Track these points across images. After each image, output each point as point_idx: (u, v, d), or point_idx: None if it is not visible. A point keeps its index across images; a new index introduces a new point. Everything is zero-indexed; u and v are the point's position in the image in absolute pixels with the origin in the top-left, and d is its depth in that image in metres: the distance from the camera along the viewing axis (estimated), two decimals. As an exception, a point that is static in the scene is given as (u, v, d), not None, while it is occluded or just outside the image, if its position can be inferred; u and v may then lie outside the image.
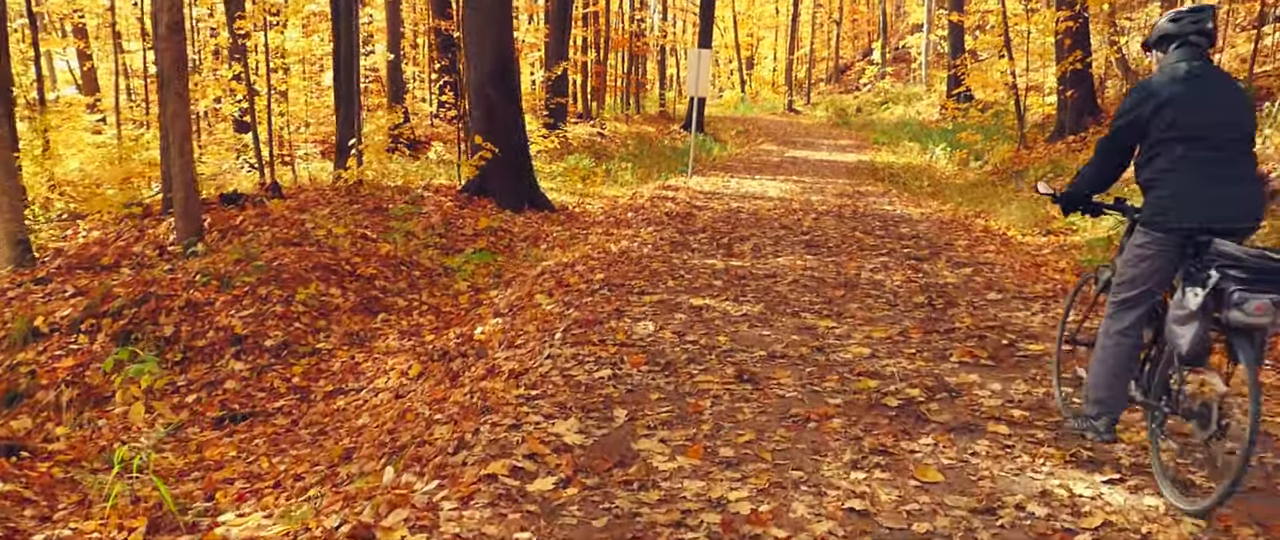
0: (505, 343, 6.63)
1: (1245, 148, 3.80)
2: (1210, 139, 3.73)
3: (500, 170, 12.34)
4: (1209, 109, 3.75)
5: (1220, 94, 3.81)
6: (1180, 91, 3.77)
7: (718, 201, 13.47)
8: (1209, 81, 3.80)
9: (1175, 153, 3.76)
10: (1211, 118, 3.74)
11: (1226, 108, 3.78)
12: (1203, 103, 3.76)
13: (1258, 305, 3.38)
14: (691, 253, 9.32)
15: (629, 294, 7.43)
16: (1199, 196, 3.71)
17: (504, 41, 12.34)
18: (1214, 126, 3.74)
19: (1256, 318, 3.39)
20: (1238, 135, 3.77)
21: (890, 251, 9.45)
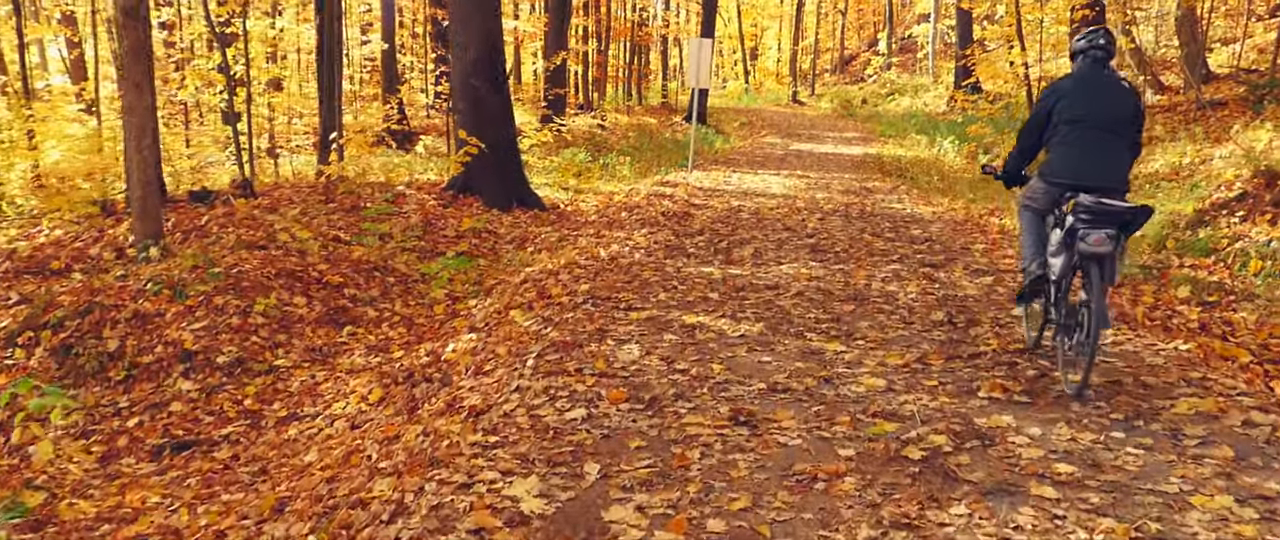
0: (473, 368, 5.84)
1: (1120, 130, 5.03)
2: (1088, 123, 5.00)
3: (487, 167, 11.53)
4: (1091, 103, 5.05)
5: (1104, 92, 5.08)
6: (1073, 89, 5.13)
7: (718, 199, 12.65)
8: (1098, 83, 5.12)
9: (1062, 132, 5.09)
10: (1092, 109, 5.03)
11: (1106, 103, 5.04)
12: (1088, 98, 5.07)
13: (1096, 238, 4.62)
14: (687, 259, 8.51)
15: (615, 309, 6.63)
16: (1072, 163, 5.03)
17: (491, 29, 11.52)
18: (1093, 115, 5.01)
19: (1095, 247, 4.63)
20: (1114, 121, 5.01)
21: (902, 257, 8.64)
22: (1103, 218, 4.62)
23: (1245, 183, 9.62)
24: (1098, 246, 4.61)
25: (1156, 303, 7.81)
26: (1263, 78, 15.82)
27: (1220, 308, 7.75)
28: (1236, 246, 8.79)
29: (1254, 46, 19.79)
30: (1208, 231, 9.28)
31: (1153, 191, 12.51)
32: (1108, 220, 4.62)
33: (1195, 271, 8.73)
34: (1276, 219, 8.82)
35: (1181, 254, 9.19)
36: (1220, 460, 3.99)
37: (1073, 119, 5.05)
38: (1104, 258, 4.65)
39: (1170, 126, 15.21)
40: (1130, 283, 8.59)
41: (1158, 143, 14.44)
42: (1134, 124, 5.07)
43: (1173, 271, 8.80)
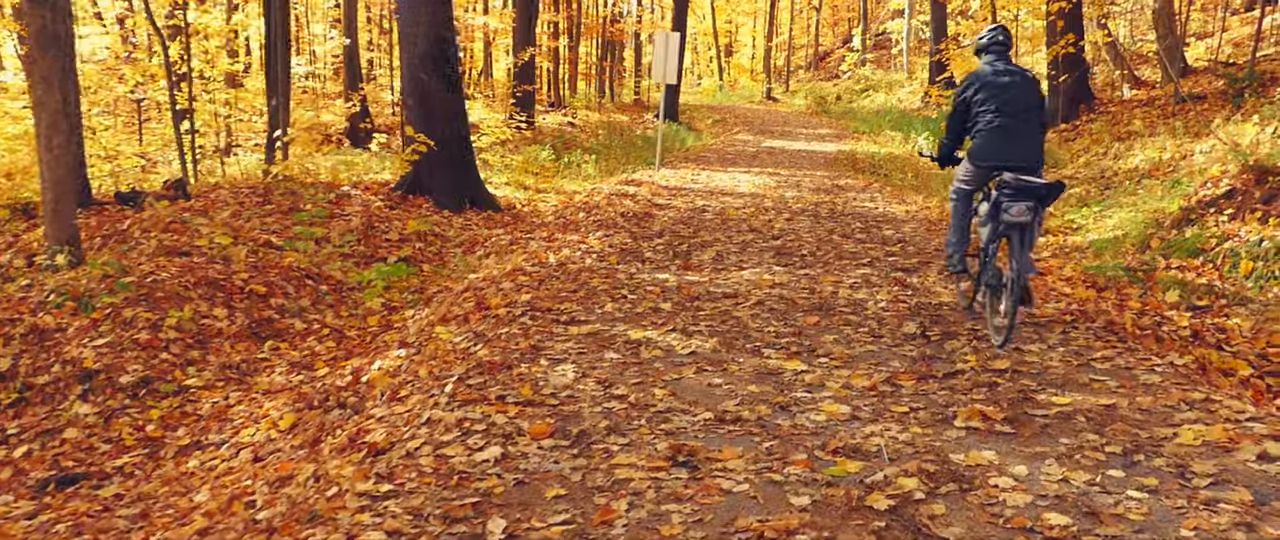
0: (389, 392, 5.15)
1: (1031, 116, 5.58)
2: (1005, 111, 5.54)
3: (438, 165, 10.83)
4: (1004, 93, 5.58)
5: (1013, 83, 5.62)
6: (989, 79, 5.66)
7: (682, 198, 11.99)
8: (1006, 74, 5.67)
9: (983, 120, 5.61)
10: (1006, 98, 5.56)
11: (1016, 92, 5.58)
12: (1000, 89, 5.60)
13: (1017, 209, 5.14)
14: (642, 264, 7.85)
15: (556, 322, 5.96)
16: (994, 147, 5.56)
17: (441, 19, 10.81)
18: (1008, 104, 5.55)
19: (1017, 218, 5.15)
20: (1025, 108, 5.56)
21: (872, 261, 8.00)
22: (1023, 192, 5.23)
23: (1232, 179, 9.04)
24: (1019, 217, 5.21)
25: (1144, 308, 7.21)
26: (1241, 71, 15.31)
27: (1212, 313, 7.16)
28: (1226, 246, 8.21)
29: (1229, 41, 19.28)
30: (1195, 230, 8.70)
31: (1134, 188, 11.95)
32: (1027, 194, 5.22)
33: (1183, 273, 8.14)
34: (1268, 217, 8.25)
35: (1168, 254, 8.61)
36: (1238, 505, 3.36)
37: (990, 108, 5.64)
38: (1024, 226, 5.26)
39: (1149, 121, 14.67)
40: (1115, 286, 7.99)
41: (1137, 138, 13.90)
42: (1041, 109, 5.72)
43: (1160, 273, 8.21)
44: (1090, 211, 11.51)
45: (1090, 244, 10.00)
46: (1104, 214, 11.24)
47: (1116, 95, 18.20)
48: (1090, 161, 14.09)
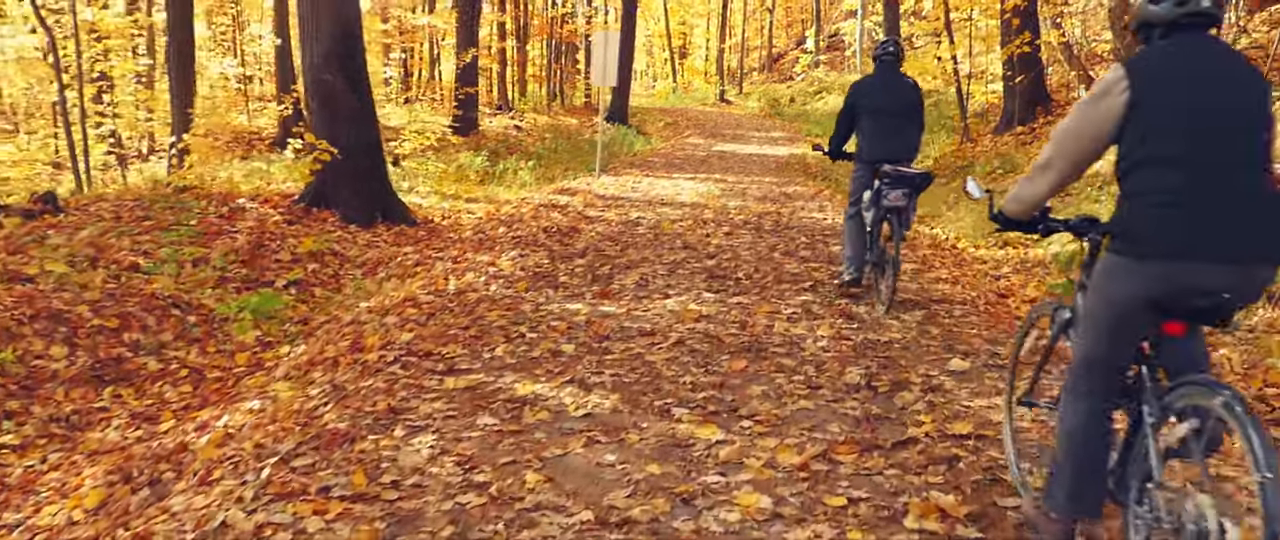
0: (205, 470, 4.06)
1: (910, 118, 6.35)
2: (884, 114, 6.28)
3: (344, 175, 9.70)
4: (887, 97, 6.33)
5: (896, 88, 6.38)
6: (873, 87, 6.43)
7: (618, 209, 10.95)
8: (891, 82, 6.42)
9: (866, 121, 6.35)
10: (887, 102, 6.30)
11: (895, 96, 6.32)
12: (883, 94, 6.34)
13: (895, 195, 5.94)
14: (555, 290, 6.79)
15: (431, 373, 4.89)
16: (876, 144, 6.29)
17: (347, 14, 9.68)
18: (887, 106, 6.28)
19: (895, 202, 5.95)
20: (903, 111, 6.30)
21: (816, 285, 7.01)
22: (899, 181, 5.91)
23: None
24: (896, 202, 5.92)
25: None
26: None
27: (1196, 344, 6.24)
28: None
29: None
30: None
31: (1097, 195, 11.10)
32: (903, 182, 5.90)
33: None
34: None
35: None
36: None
37: (874, 110, 6.27)
38: (902, 210, 5.95)
39: (1109, 124, 13.87)
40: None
41: (1097, 141, 13.06)
42: (919, 110, 6.41)
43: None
44: (1051, 221, 10.64)
45: (1053, 258, 9.10)
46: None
47: (1073, 96, 17.44)
48: (1049, 166, 13.24)
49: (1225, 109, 2.54)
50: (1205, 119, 2.52)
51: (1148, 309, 2.62)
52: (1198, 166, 2.51)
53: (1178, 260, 2.53)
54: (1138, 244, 2.59)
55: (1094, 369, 2.84)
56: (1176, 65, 2.60)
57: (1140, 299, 2.61)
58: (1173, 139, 2.54)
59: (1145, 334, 2.73)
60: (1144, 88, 2.57)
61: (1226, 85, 2.58)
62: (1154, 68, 2.62)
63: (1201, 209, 2.51)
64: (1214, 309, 2.55)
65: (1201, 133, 2.52)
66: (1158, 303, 2.59)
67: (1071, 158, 2.75)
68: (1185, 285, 2.52)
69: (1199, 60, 2.60)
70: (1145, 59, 2.66)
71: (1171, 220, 2.52)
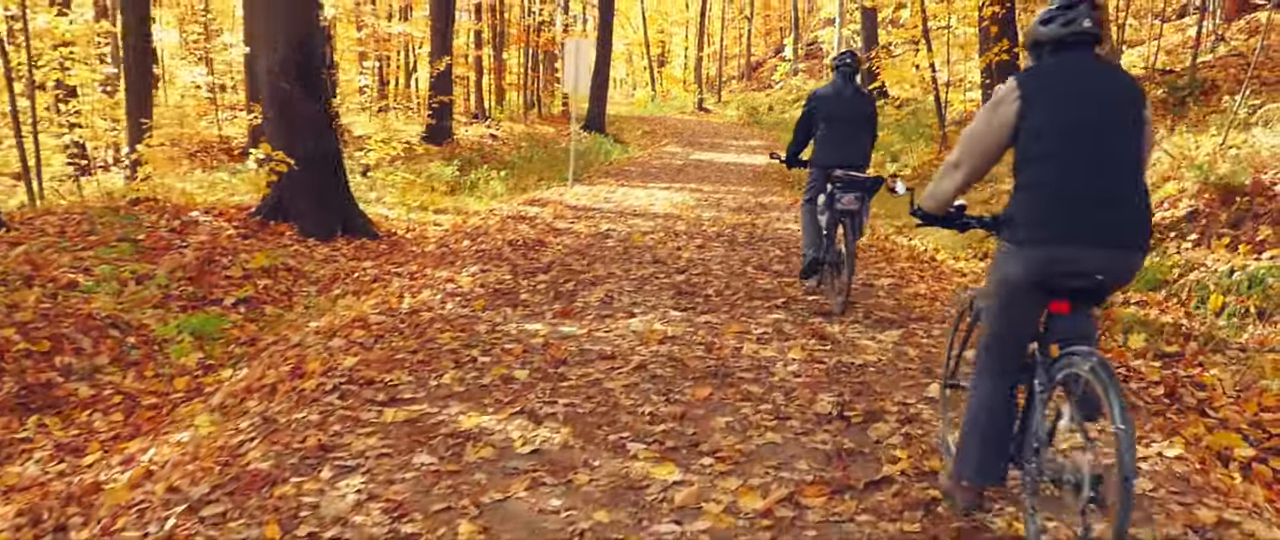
0: (108, 519, 3.67)
1: (863, 127, 6.64)
2: (839, 122, 6.54)
3: (302, 187, 9.29)
4: (840, 105, 6.56)
5: (849, 98, 6.59)
6: (828, 95, 6.64)
7: (588, 221, 10.59)
8: (846, 92, 6.61)
9: (822, 129, 6.60)
10: (841, 110, 6.55)
11: (850, 105, 6.58)
12: (839, 103, 6.57)
13: (847, 199, 6.13)
14: (514, 309, 6.42)
15: (370, 403, 4.51)
16: (831, 151, 6.53)
17: (304, 19, 9.28)
18: (842, 114, 6.55)
19: (847, 206, 6.12)
20: (857, 119, 6.59)
21: (789, 302, 6.67)
22: (851, 185, 6.12)
23: (1192, 199, 7.89)
24: (849, 205, 6.10)
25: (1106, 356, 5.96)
26: (1180, 78, 14.36)
27: (1185, 362, 5.94)
28: (1191, 278, 7.03)
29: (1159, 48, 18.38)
30: (1154, 259, 7.51)
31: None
32: (855, 187, 6.12)
33: (1144, 310, 6.94)
34: (1236, 243, 7.09)
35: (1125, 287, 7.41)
36: None
37: (830, 117, 6.54)
38: (854, 213, 6.11)
39: (1088, 132, 13.61)
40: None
41: (1077, 150, 12.80)
42: (872, 120, 6.71)
43: (1117, 310, 6.99)
44: (1032, 232, 10.36)
45: (1035, 271, 8.82)
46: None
47: (1051, 105, 17.23)
48: (1028, 175, 12.98)
49: (1099, 115, 2.86)
50: (1080, 123, 2.85)
51: (1034, 290, 2.94)
52: (1072, 164, 2.83)
53: (1055, 246, 2.84)
54: (1021, 232, 2.92)
55: (995, 347, 3.15)
56: (1059, 77, 2.93)
57: (1026, 281, 2.94)
58: (1051, 140, 2.85)
59: (1036, 313, 3.03)
60: (1031, 97, 2.89)
61: (1101, 94, 2.90)
62: (1040, 79, 2.95)
63: (1074, 201, 2.82)
64: (1090, 289, 2.89)
65: (1076, 135, 2.84)
66: (1042, 284, 2.91)
67: (976, 158, 3.06)
68: (1062, 268, 2.84)
69: (1079, 73, 2.93)
70: (1034, 72, 2.99)
71: (1048, 211, 2.85)
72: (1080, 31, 2.92)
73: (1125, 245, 2.88)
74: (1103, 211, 2.82)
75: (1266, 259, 6.69)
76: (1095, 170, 2.83)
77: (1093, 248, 2.83)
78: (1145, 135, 2.95)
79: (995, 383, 3.12)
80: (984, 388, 3.14)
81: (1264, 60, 14.29)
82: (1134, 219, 2.87)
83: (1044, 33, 3.00)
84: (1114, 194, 2.83)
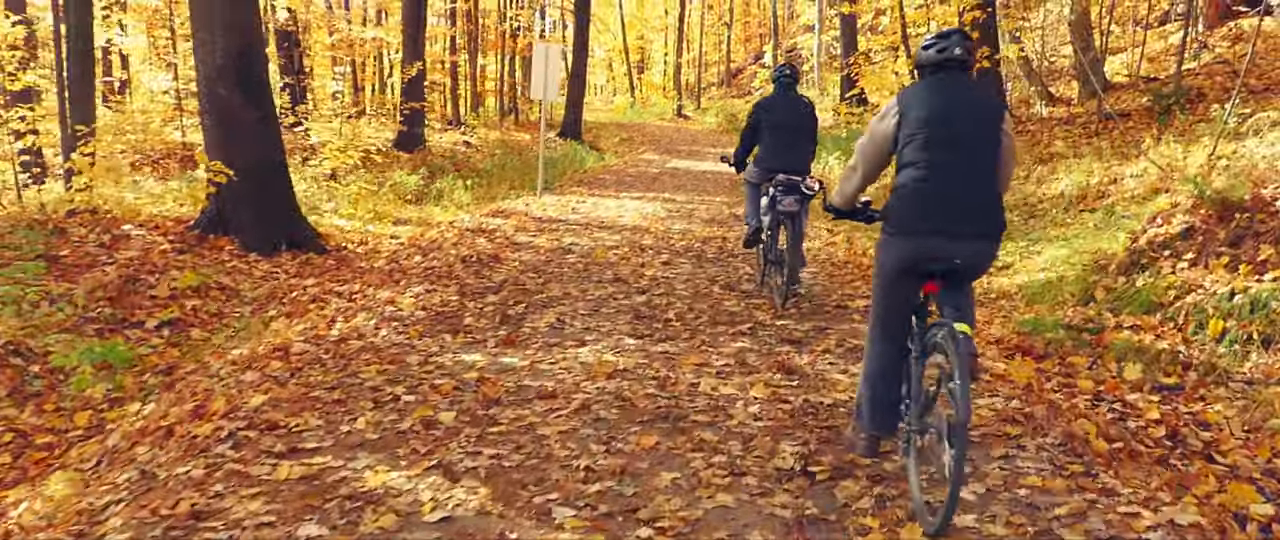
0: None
1: (803, 135, 6.89)
2: (783, 129, 6.78)
3: (244, 198, 8.67)
4: (785, 114, 6.82)
5: (792, 107, 6.87)
6: (773, 104, 6.91)
7: (551, 234, 10.00)
8: (788, 100, 6.91)
9: (766, 135, 6.85)
10: (784, 119, 6.80)
11: (793, 114, 6.84)
12: (781, 112, 6.83)
13: (788, 202, 6.31)
14: (454, 336, 5.82)
15: (266, 454, 3.90)
16: (773, 156, 6.75)
17: (244, 22, 8.66)
18: (785, 122, 6.79)
19: (788, 208, 6.31)
20: (798, 127, 6.83)
21: (755, 327, 6.10)
22: (791, 189, 6.33)
23: (1188, 214, 7.36)
24: (790, 207, 6.31)
25: (1098, 390, 5.44)
26: (1166, 85, 13.90)
27: (1186, 395, 5.40)
28: (1188, 300, 6.49)
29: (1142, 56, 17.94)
30: (1147, 279, 6.98)
31: (1062, 217, 10.32)
32: (795, 190, 6.31)
33: (1138, 335, 6.40)
34: (1236, 263, 6.56)
35: (1117, 309, 6.87)
36: None
37: (773, 126, 6.77)
38: (794, 215, 6.32)
39: (1071, 141, 13.12)
40: (1058, 353, 6.22)
41: (1060, 160, 12.32)
42: (812, 128, 6.91)
43: (1110, 335, 6.46)
44: (1017, 245, 9.82)
45: (1021, 289, 8.27)
46: (1032, 249, 9.55)
47: (1032, 113, 16.76)
48: (1011, 186, 12.44)
49: (960, 128, 3.31)
50: (944, 134, 3.28)
51: (906, 272, 3.39)
52: (937, 169, 3.27)
53: (922, 237, 3.31)
54: (895, 225, 3.40)
55: (881, 320, 3.62)
56: (931, 95, 3.37)
57: (900, 265, 3.40)
58: (919, 148, 3.29)
59: (913, 292, 3.45)
60: (906, 111, 3.36)
61: (964, 110, 3.35)
62: (915, 96, 3.40)
63: (938, 200, 3.27)
64: (952, 272, 3.33)
65: (939, 144, 3.28)
66: (913, 268, 3.36)
67: (868, 163, 3.58)
68: (925, 254, 3.31)
69: (948, 91, 3.37)
70: (911, 90, 3.44)
71: (917, 208, 3.31)
72: (952, 57, 3.40)
73: (981, 237, 3.36)
74: (962, 209, 3.30)
75: (1269, 281, 6.16)
76: (957, 175, 3.31)
77: (953, 239, 3.30)
78: (1004, 147, 3.38)
79: (883, 348, 3.61)
80: (875, 353, 3.65)
81: (1250, 68, 13.87)
82: (988, 216, 3.36)
83: (924, 57, 3.49)
84: (972, 195, 3.32)
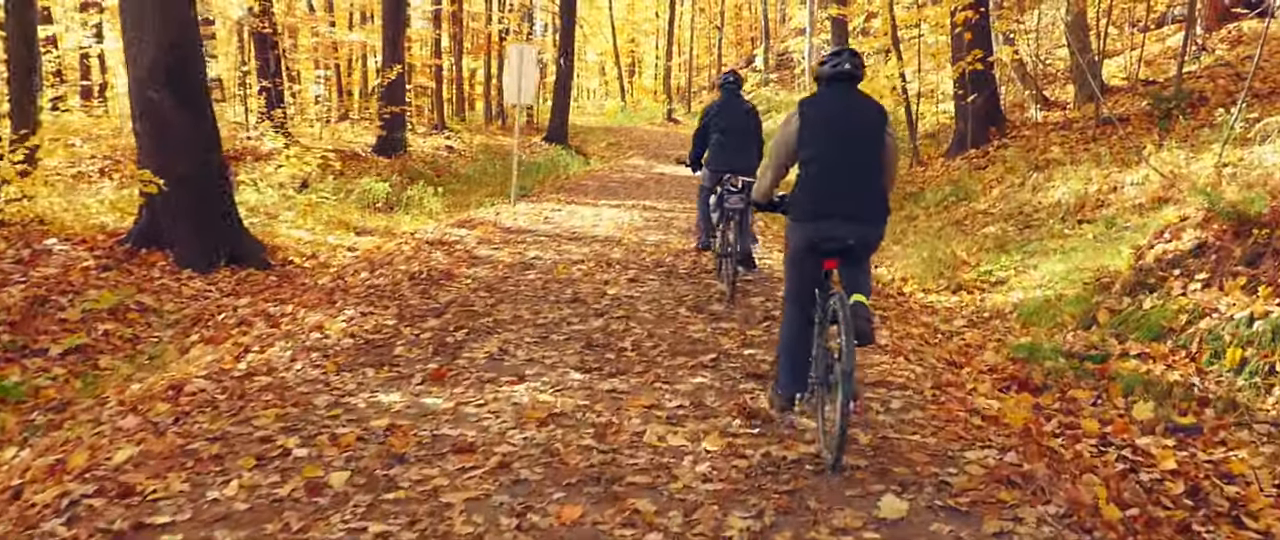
0: None
1: (749, 139, 7.24)
2: (730, 132, 7.23)
3: (180, 210, 7.97)
4: (731, 120, 7.28)
5: (738, 113, 7.36)
6: (720, 110, 7.40)
7: (514, 247, 9.29)
8: (734, 106, 7.40)
9: (715, 138, 7.29)
10: (730, 123, 7.26)
11: (738, 118, 7.31)
12: (728, 117, 7.31)
13: (733, 200, 6.78)
14: (379, 369, 5.11)
15: (104, 533, 3.19)
16: (720, 158, 7.21)
17: (175, 16, 7.93)
18: (731, 126, 7.25)
19: (736, 205, 6.78)
20: (743, 130, 7.23)
21: (719, 357, 5.39)
22: (738, 189, 6.82)
23: (1199, 229, 6.66)
24: (736, 205, 6.82)
25: (1104, 432, 4.74)
26: (1166, 88, 13.23)
27: (1204, 439, 4.70)
28: (1202, 326, 5.80)
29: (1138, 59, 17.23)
30: (1155, 301, 6.28)
31: (1059, 227, 9.62)
32: (741, 190, 6.79)
33: (1147, 364, 5.71)
34: (1254, 284, 5.86)
35: (1122, 335, 6.17)
36: None
37: (720, 129, 7.31)
38: (741, 212, 6.85)
39: (1069, 147, 12.44)
40: (1058, 385, 5.52)
41: (1057, 166, 11.64)
42: (756, 132, 7.36)
43: (1115, 364, 5.76)
44: (1011, 259, 9.13)
45: (1016, 307, 7.58)
46: (1028, 263, 8.86)
47: (1026, 117, 16.09)
48: (1006, 194, 11.77)
49: (848, 130, 4.03)
50: (834, 136, 4.01)
51: (809, 251, 4.05)
52: (827, 164, 3.99)
53: (818, 222, 3.98)
54: (797, 212, 4.08)
55: (792, 294, 4.22)
56: (825, 103, 4.10)
57: (802, 246, 4.08)
58: (815, 147, 4.01)
59: (815, 268, 4.06)
60: (805, 116, 4.06)
61: (851, 116, 4.05)
62: (813, 104, 4.11)
63: (831, 192, 3.96)
64: (846, 250, 3.99)
65: (831, 144, 4.00)
66: (813, 248, 4.02)
67: (778, 162, 4.20)
68: (822, 236, 3.97)
69: (840, 100, 4.08)
70: (810, 100, 4.13)
71: (814, 198, 4.00)
72: (843, 72, 4.04)
73: (867, 222, 3.97)
74: (850, 199, 3.92)
75: (1293, 305, 5.47)
76: (846, 171, 3.95)
77: (844, 223, 3.92)
78: (887, 146, 4.02)
79: (794, 316, 4.15)
80: (788, 321, 4.19)
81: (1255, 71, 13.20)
82: (873, 204, 3.96)
83: (821, 72, 4.13)
84: (859, 187, 3.94)
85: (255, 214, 11.03)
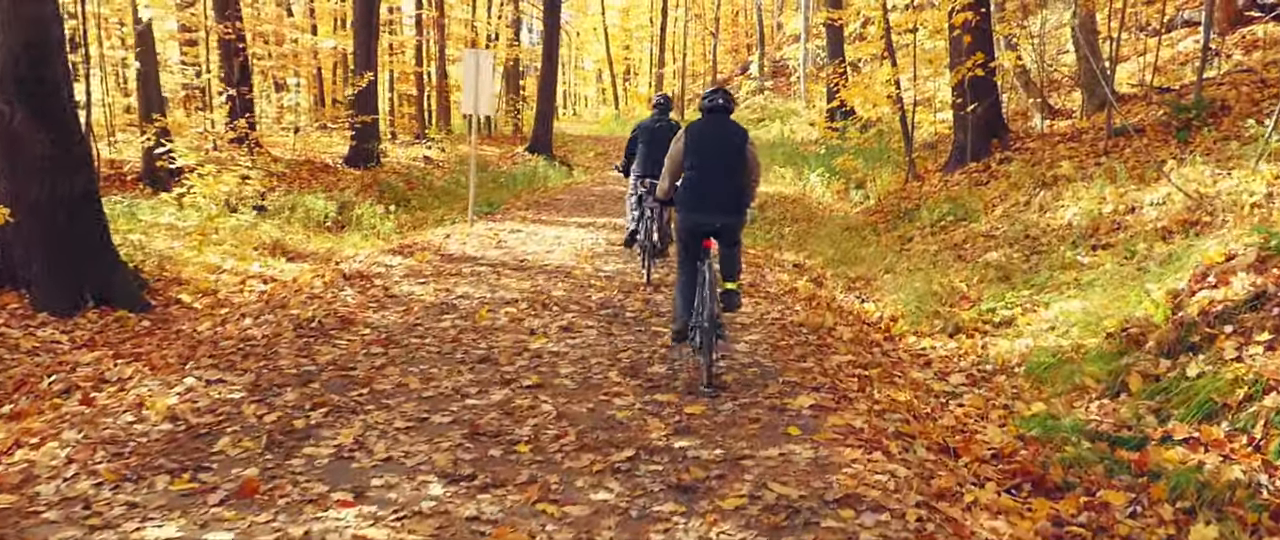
0: None
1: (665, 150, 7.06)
2: (653, 145, 8.05)
3: (33, 244, 6.63)
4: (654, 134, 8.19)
5: (660, 129, 8.22)
6: (647, 126, 8.43)
7: (444, 281, 7.93)
8: (657, 123, 8.38)
9: (641, 149, 8.35)
10: (654, 137, 8.12)
11: (660, 134, 8.02)
12: (652, 133, 8.24)
13: (650, 199, 7.88)
14: (177, 477, 3.75)
15: None
16: (644, 164, 8.18)
17: (28, 16, 6.58)
18: (654, 139, 8.09)
19: (652, 204, 7.92)
20: (664, 143, 7.09)
21: (639, 455, 4.01)
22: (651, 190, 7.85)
23: (1253, 272, 5.27)
24: (654, 203, 7.85)
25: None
26: (1184, 96, 11.81)
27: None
28: (1266, 404, 4.41)
29: (1148, 65, 15.79)
30: (1202, 365, 4.89)
31: (1072, 257, 8.22)
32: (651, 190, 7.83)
33: (1196, 454, 4.33)
34: (1334, 350, 4.48)
35: (1161, 410, 4.78)
36: None
37: (645, 142, 8.30)
38: (657, 210, 7.98)
39: (1078, 161, 11.03)
40: (1082, 478, 4.16)
41: (1066, 183, 10.26)
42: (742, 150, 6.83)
43: (1154, 452, 4.38)
44: (1017, 294, 7.73)
45: (1024, 359, 6.19)
46: (1037, 299, 7.47)
47: (1030, 127, 14.70)
48: (1009, 213, 10.38)
49: (717, 147, 5.41)
50: (706, 151, 5.39)
51: (691, 233, 5.36)
52: (701, 171, 5.36)
53: (695, 212, 5.33)
54: (680, 204, 5.42)
55: (682, 261, 5.48)
56: (703, 127, 5.49)
57: (685, 229, 5.40)
58: (693, 158, 5.40)
59: (697, 244, 5.35)
60: (690, 135, 5.46)
61: (720, 137, 5.45)
62: (695, 128, 5.51)
63: (704, 192, 5.33)
64: (717, 232, 5.34)
65: (704, 155, 5.39)
66: (693, 231, 5.34)
67: (672, 169, 5.61)
68: (698, 222, 5.32)
69: (714, 126, 5.49)
70: (693, 125, 5.55)
71: (689, 194, 5.37)
72: (718, 105, 5.52)
73: (728, 213, 5.35)
74: (716, 197, 5.33)
75: (1394, 382, 4.09)
76: (713, 176, 5.36)
77: (712, 213, 5.32)
78: (748, 158, 5.44)
79: (684, 276, 5.43)
80: (680, 279, 5.46)
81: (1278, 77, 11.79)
82: (734, 200, 5.38)
83: (702, 104, 5.59)
84: (723, 188, 5.34)
85: (177, 237, 9.73)
